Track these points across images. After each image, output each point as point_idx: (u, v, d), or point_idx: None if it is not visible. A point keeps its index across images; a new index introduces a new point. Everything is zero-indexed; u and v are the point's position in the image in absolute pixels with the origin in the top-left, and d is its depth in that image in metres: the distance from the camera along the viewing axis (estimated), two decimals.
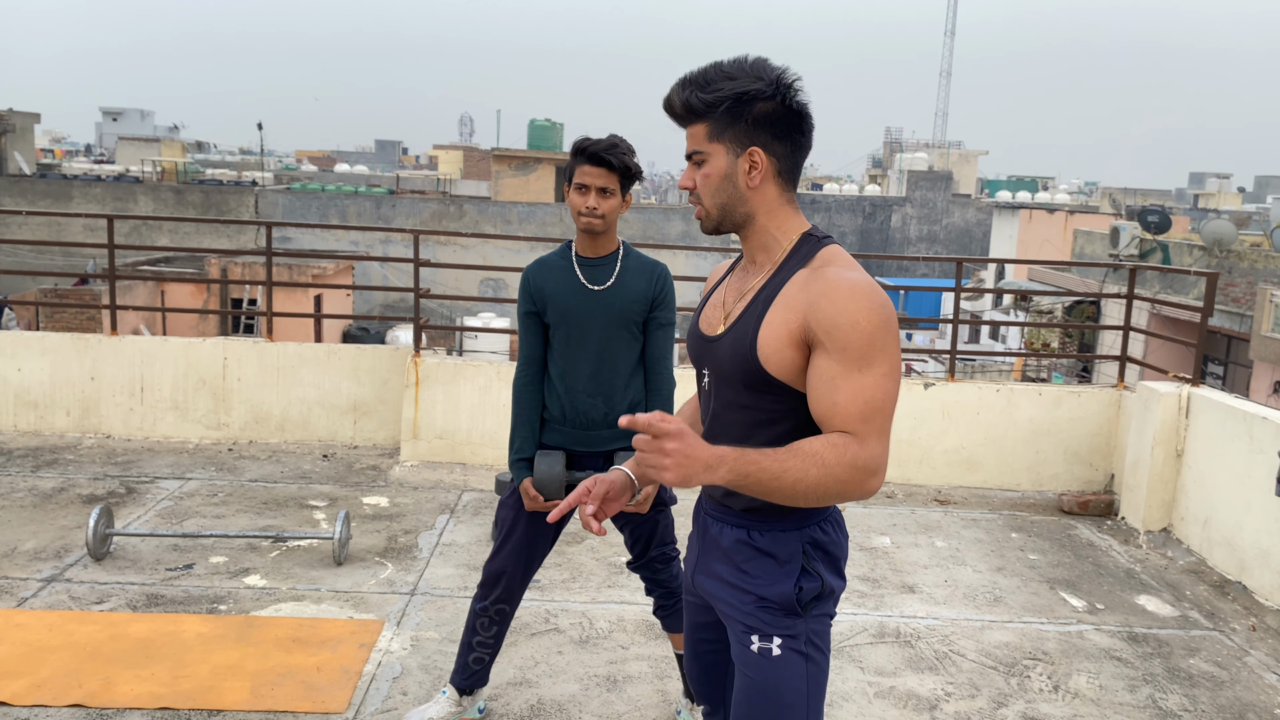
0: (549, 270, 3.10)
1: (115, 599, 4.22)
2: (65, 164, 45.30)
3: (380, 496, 5.65)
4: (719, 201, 1.96)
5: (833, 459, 1.78)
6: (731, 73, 1.90)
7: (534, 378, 3.13)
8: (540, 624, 4.17)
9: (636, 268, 3.10)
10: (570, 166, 3.00)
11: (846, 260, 1.94)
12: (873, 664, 3.98)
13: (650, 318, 3.11)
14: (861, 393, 1.83)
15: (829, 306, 1.85)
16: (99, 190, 31.16)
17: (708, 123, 1.93)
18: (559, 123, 32.21)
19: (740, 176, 1.94)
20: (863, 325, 1.84)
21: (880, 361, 1.84)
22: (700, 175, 1.96)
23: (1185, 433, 5.38)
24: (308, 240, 29.49)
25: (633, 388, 3.13)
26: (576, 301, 3.06)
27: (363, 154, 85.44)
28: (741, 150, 1.92)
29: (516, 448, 3.13)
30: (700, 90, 1.91)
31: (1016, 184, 54.84)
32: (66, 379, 6.41)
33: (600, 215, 2.98)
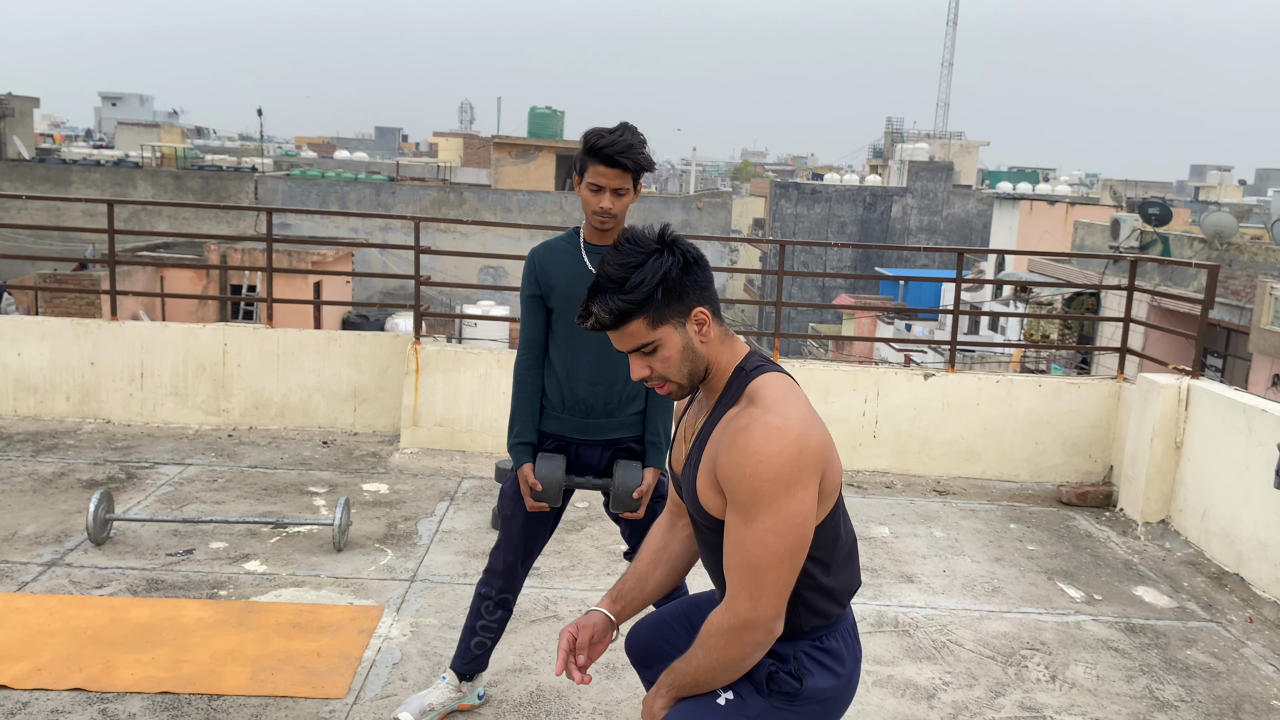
0: (555, 255, 3.08)
1: (116, 584, 4.23)
2: (64, 149, 45.18)
3: (380, 483, 5.65)
4: (686, 372, 2.03)
5: (704, 635, 1.98)
6: (633, 261, 1.96)
7: (535, 361, 3.12)
8: (540, 611, 4.18)
9: None
10: (582, 163, 2.95)
11: (767, 396, 1.95)
12: (871, 653, 3.99)
13: None
14: (740, 547, 1.91)
15: (725, 458, 1.92)
16: (98, 175, 31.11)
17: (645, 316, 1.98)
18: (559, 110, 32.15)
19: (694, 341, 2.02)
20: (748, 478, 1.88)
21: (763, 516, 1.88)
22: (659, 361, 2.02)
23: (1184, 425, 5.39)
24: (307, 227, 29.46)
25: (636, 396, 3.13)
26: (582, 289, 2.99)
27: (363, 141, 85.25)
28: (687, 318, 2.00)
29: (517, 431, 3.11)
30: (625, 294, 1.96)
31: (1017, 175, 54.76)
32: (66, 364, 6.40)
33: (613, 215, 2.96)
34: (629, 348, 2.02)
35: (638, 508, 3.09)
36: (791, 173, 73.05)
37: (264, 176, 32.11)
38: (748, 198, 63.85)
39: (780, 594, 1.92)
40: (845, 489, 5.99)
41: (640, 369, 2.04)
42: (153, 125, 59.72)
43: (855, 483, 6.09)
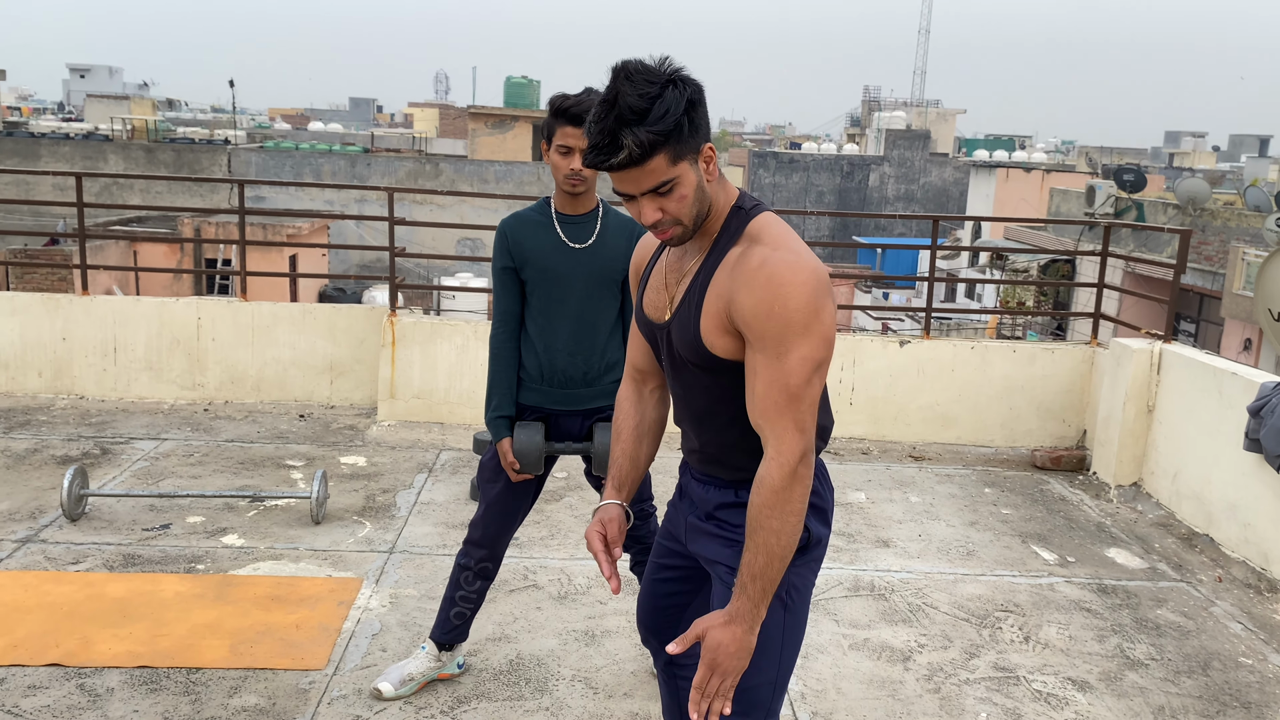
0: (527, 226, 3.06)
1: (92, 559, 4.22)
2: (32, 122, 44.48)
3: (358, 456, 5.64)
4: (695, 213, 1.93)
5: (766, 501, 1.85)
6: (650, 92, 1.83)
7: (511, 334, 3.11)
8: (519, 581, 4.20)
9: (616, 226, 3.08)
10: (549, 126, 2.93)
11: (772, 235, 1.92)
12: (847, 617, 4.04)
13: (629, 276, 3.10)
14: (777, 382, 1.85)
15: (745, 298, 1.86)
16: (68, 149, 30.66)
17: (665, 150, 1.85)
18: (535, 80, 31.88)
19: (705, 178, 1.92)
20: (777, 314, 1.84)
21: (798, 346, 1.84)
22: (674, 201, 1.90)
23: (1157, 388, 5.44)
24: (282, 199, 29.16)
25: (611, 347, 3.12)
26: (557, 260, 3.02)
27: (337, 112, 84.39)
28: (698, 155, 1.90)
29: (495, 404, 3.10)
30: (651, 126, 1.82)
31: (994, 143, 54.86)
32: (37, 340, 6.34)
33: (584, 178, 2.95)
34: (646, 187, 1.87)
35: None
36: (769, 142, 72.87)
37: (237, 149, 31.75)
38: (726, 167, 63.70)
39: (815, 420, 1.89)
40: (823, 455, 6.03)
41: (651, 213, 1.91)
42: (123, 98, 58.85)
43: (832, 449, 6.13)
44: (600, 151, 1.85)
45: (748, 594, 1.87)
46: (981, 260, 29.87)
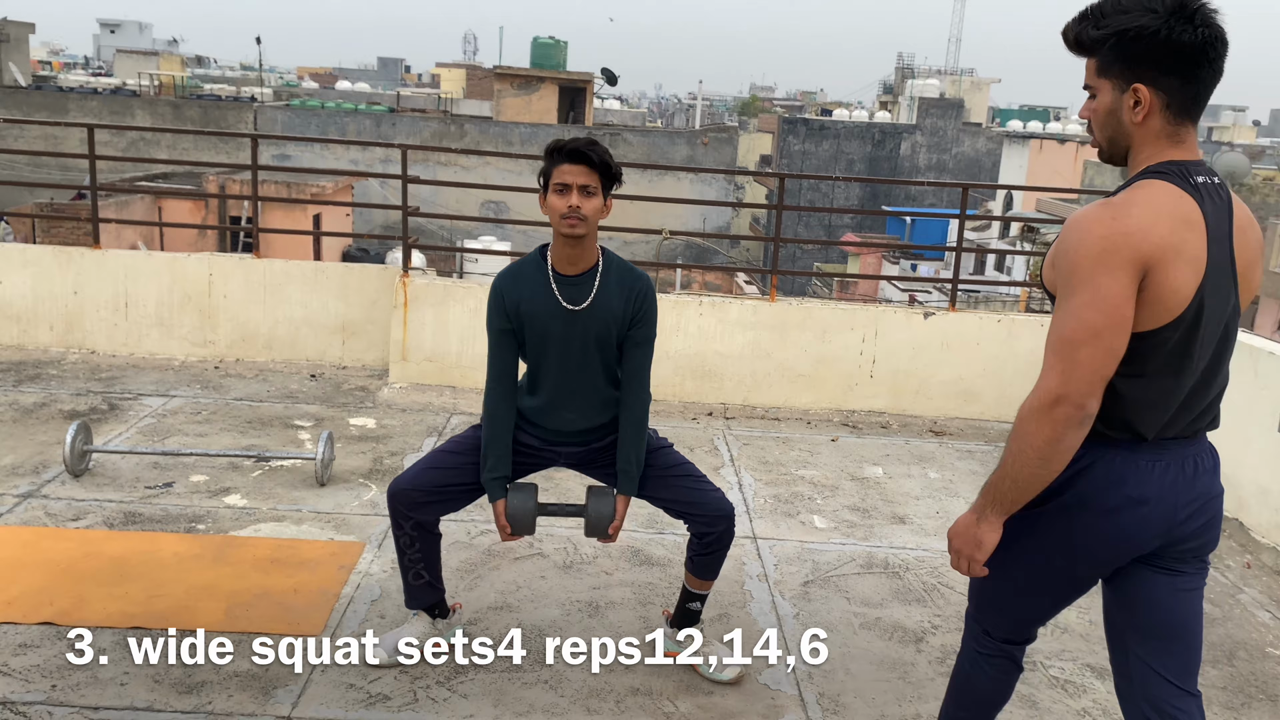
0: (524, 285, 2.98)
1: (92, 516, 4.16)
2: (62, 76, 44.54)
3: (367, 418, 5.56)
4: (1107, 135, 2.02)
5: (1016, 423, 1.96)
6: (1126, 5, 1.90)
7: (507, 394, 3.06)
8: (524, 549, 4.11)
9: (617, 284, 2.99)
10: (546, 169, 2.88)
11: (1137, 194, 1.93)
12: (859, 594, 3.92)
13: (628, 335, 3.01)
14: (1057, 323, 1.94)
15: (1060, 237, 1.97)
16: (95, 103, 30.70)
17: (1096, 58, 1.96)
18: (563, 41, 31.56)
19: (1125, 112, 1.96)
20: (1069, 252, 1.92)
21: (1080, 291, 1.89)
22: (1091, 109, 2.02)
23: None
24: (307, 158, 29.11)
25: (610, 402, 3.09)
26: (554, 324, 2.96)
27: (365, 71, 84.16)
28: (1126, 87, 1.94)
29: (490, 465, 3.07)
30: (1092, 25, 1.94)
31: (1028, 113, 53.97)
32: (49, 293, 6.28)
33: (583, 216, 2.84)
34: (1085, 82, 2.03)
35: (612, 538, 3.13)
36: (800, 108, 72.02)
37: (263, 106, 31.68)
38: (755, 134, 63.03)
39: (1093, 372, 1.89)
40: (839, 428, 5.90)
41: (1086, 108, 2.04)
42: (151, 54, 58.86)
43: (850, 422, 5.99)
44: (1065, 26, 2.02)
45: (986, 493, 2.06)
46: (1012, 232, 29.45)
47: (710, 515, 3.10)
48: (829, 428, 5.90)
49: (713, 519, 3.11)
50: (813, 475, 5.13)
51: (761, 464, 5.27)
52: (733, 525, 3.16)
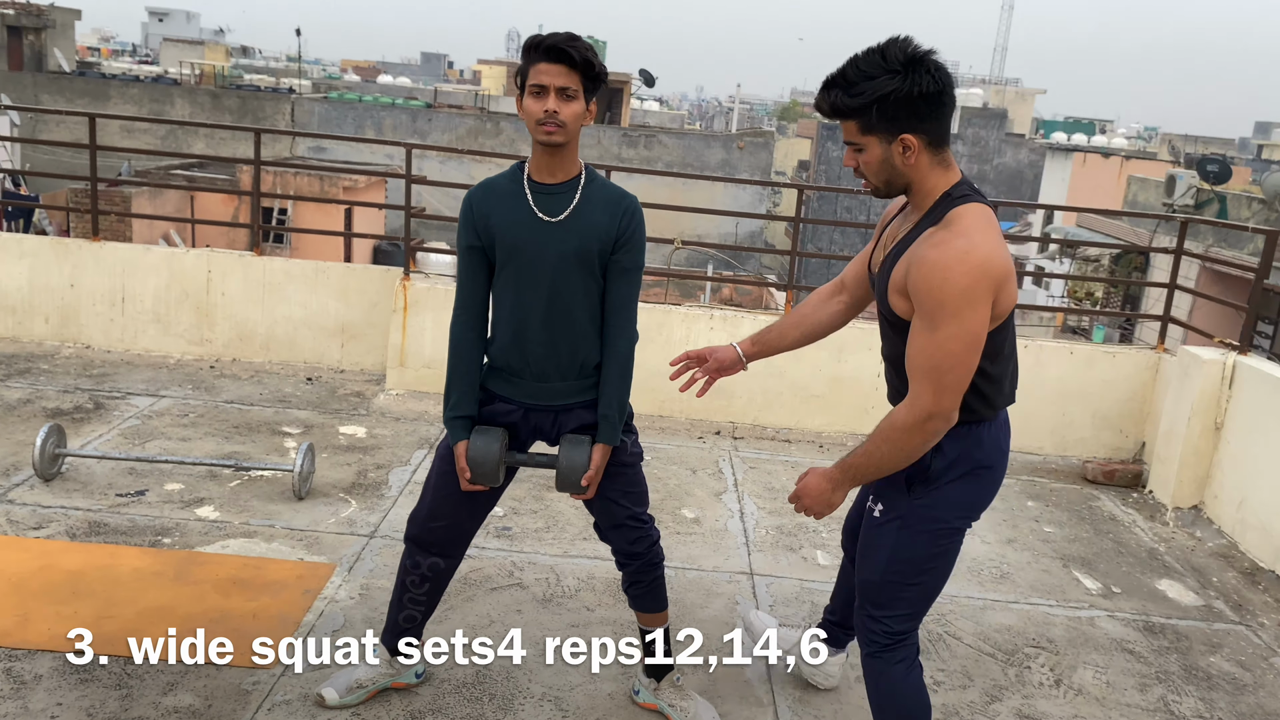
0: (495, 196, 2.65)
1: (55, 525, 3.97)
2: (106, 63, 44.98)
3: (358, 426, 5.35)
4: (883, 179, 2.30)
5: (888, 429, 2.30)
6: (869, 71, 2.18)
7: (474, 322, 2.72)
8: (503, 578, 3.87)
9: (601, 199, 2.65)
10: (523, 68, 2.54)
11: (966, 223, 2.21)
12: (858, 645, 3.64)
13: (612, 260, 2.66)
14: (925, 350, 2.21)
15: (916, 272, 2.20)
16: (136, 91, 30.88)
17: (857, 120, 2.22)
18: (601, 40, 31.34)
19: (896, 159, 2.25)
20: (934, 290, 2.16)
21: (946, 325, 2.17)
22: (861, 160, 2.29)
23: (1227, 404, 4.93)
24: (341, 152, 29.07)
25: (588, 337, 2.71)
26: (527, 235, 2.61)
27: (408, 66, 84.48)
28: (893, 139, 2.22)
29: (453, 403, 2.74)
30: (845, 94, 2.21)
31: (1073, 125, 53.05)
32: (45, 285, 6.13)
33: (561, 122, 2.51)
34: (845, 138, 2.29)
35: (585, 491, 2.74)
36: None
37: (301, 98, 31.72)
38: (793, 139, 62.54)
39: (957, 391, 2.24)
40: None
41: (849, 159, 2.32)
42: (198, 43, 59.39)
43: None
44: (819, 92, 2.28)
45: (841, 467, 2.40)
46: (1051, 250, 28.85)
47: (628, 551, 2.89)
48: (842, 452, 5.60)
49: (630, 555, 2.88)
50: None
51: (767, 490, 4.99)
52: (651, 559, 2.92)
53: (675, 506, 4.70)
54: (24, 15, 33.82)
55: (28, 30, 33.81)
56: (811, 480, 2.45)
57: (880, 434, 2.31)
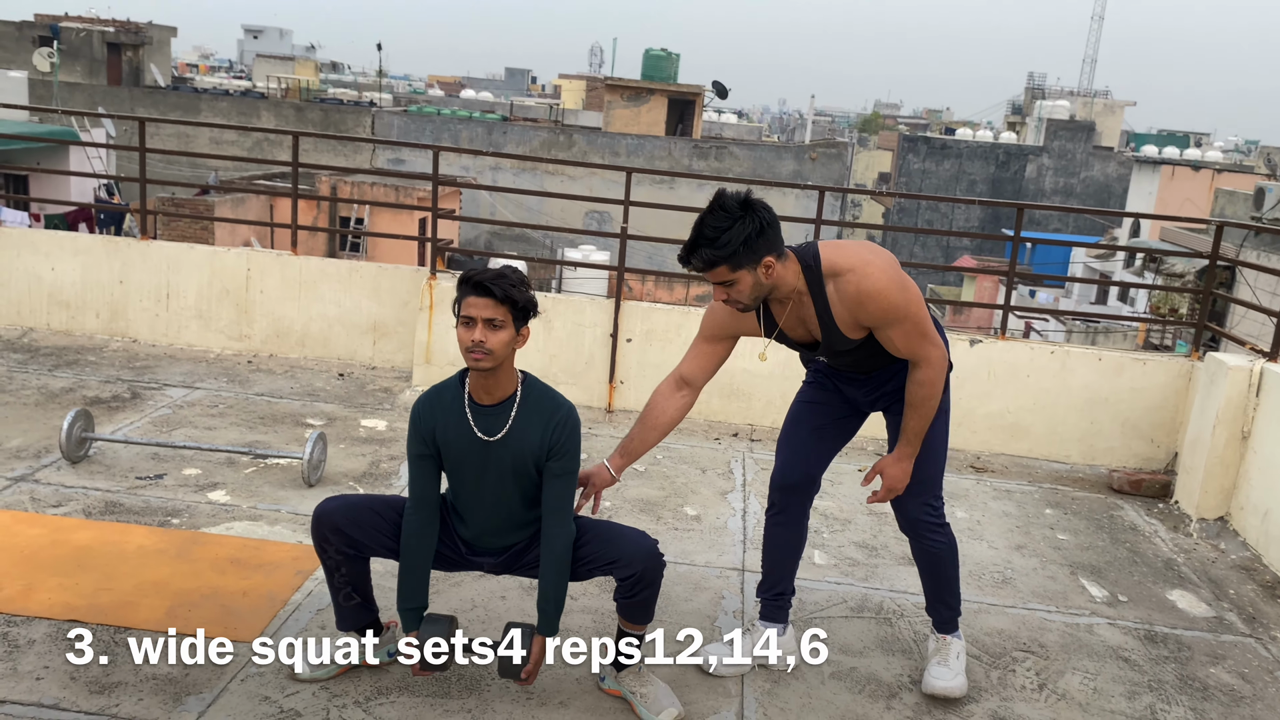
0: (441, 411, 2.88)
1: (73, 504, 4.16)
2: (200, 78, 46.70)
3: (380, 420, 5.48)
4: (755, 296, 2.84)
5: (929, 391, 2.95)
6: (723, 224, 2.72)
7: (426, 520, 2.94)
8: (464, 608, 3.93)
9: (534, 414, 2.85)
10: (457, 299, 2.77)
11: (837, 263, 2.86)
12: (840, 640, 3.62)
13: (546, 466, 2.86)
14: (907, 334, 2.88)
15: (863, 314, 2.85)
16: (225, 104, 32.05)
17: (726, 264, 2.75)
18: (675, 53, 31.51)
19: (762, 279, 2.80)
20: (888, 309, 2.83)
21: (905, 310, 2.84)
22: (735, 292, 2.81)
23: (1254, 412, 4.77)
24: (421, 163, 29.71)
25: (529, 522, 2.97)
26: (469, 453, 2.86)
27: (492, 81, 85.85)
28: (757, 265, 2.77)
29: (405, 595, 2.94)
30: (711, 249, 2.73)
31: (1165, 139, 51.54)
32: (97, 281, 6.42)
33: (488, 350, 2.72)
34: (716, 280, 2.79)
35: (527, 681, 2.94)
36: (925, 126, 70.42)
37: (381, 111, 32.53)
38: (875, 150, 61.95)
39: (934, 332, 2.92)
40: (871, 457, 5.55)
41: (719, 294, 2.84)
42: (288, 59, 61.25)
43: (884, 452, 5.63)
44: (684, 258, 2.79)
45: (911, 444, 3.03)
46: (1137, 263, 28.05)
47: (629, 560, 2.92)
48: (859, 456, 5.56)
49: (631, 560, 2.91)
50: (826, 506, 4.82)
51: None
52: (658, 562, 2.96)
53: (678, 504, 4.72)
54: (123, 33, 35.32)
55: (126, 47, 35.30)
56: (895, 472, 3.05)
57: (920, 400, 2.95)
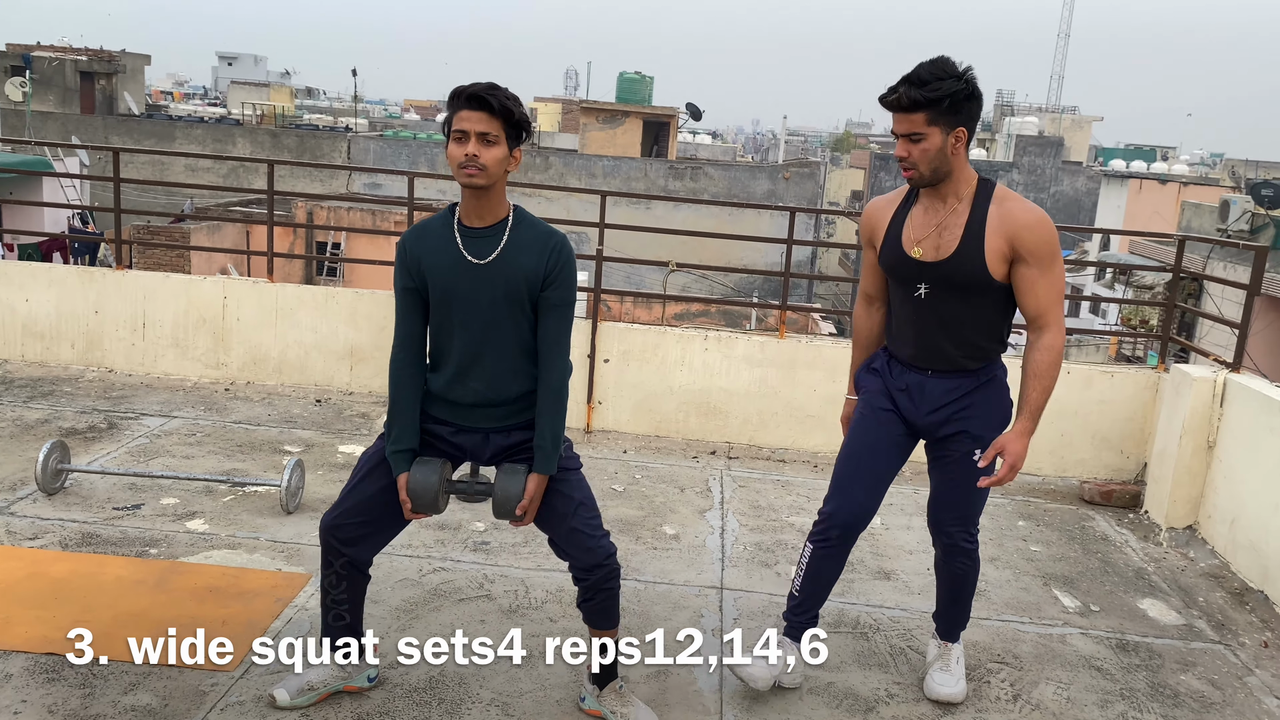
0: (428, 239, 2.79)
1: (50, 536, 4.15)
2: (174, 106, 46.60)
3: (357, 445, 5.50)
4: (933, 167, 2.80)
5: (1053, 359, 2.92)
6: (939, 74, 2.70)
7: (413, 359, 2.88)
8: (473, 589, 3.96)
9: (529, 239, 2.78)
10: (448, 117, 2.70)
11: (1013, 194, 2.86)
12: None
13: (541, 297, 2.78)
14: (1050, 287, 2.86)
15: (1028, 234, 2.80)
16: (200, 131, 31.96)
17: (927, 112, 2.72)
18: (649, 76, 31.74)
19: (948, 148, 2.78)
20: (1048, 240, 2.82)
21: (1057, 263, 2.85)
22: (918, 150, 2.77)
23: (1219, 422, 4.86)
24: (397, 188, 29.72)
25: (522, 367, 2.84)
26: (457, 277, 2.75)
27: None
28: (950, 130, 2.76)
29: (395, 436, 2.88)
30: (922, 89, 2.70)
31: (1133, 153, 52.20)
32: (72, 311, 6.41)
33: (482, 165, 2.64)
34: (904, 130, 2.76)
35: (522, 519, 2.85)
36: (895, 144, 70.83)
37: (357, 136, 32.54)
38: (847, 169, 62.40)
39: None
40: None
41: (903, 149, 2.79)
42: (263, 85, 61.22)
43: None
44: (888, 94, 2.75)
45: (1034, 417, 2.95)
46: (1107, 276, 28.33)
47: (585, 562, 2.92)
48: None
49: (588, 567, 2.92)
50: (803, 523, 4.87)
51: (752, 508, 5.03)
52: (613, 572, 2.96)
53: (657, 523, 4.75)
54: (96, 61, 35.22)
55: (99, 75, 35.19)
56: (1017, 448, 2.94)
57: (1046, 367, 2.89)
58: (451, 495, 2.96)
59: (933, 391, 3.05)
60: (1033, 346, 2.89)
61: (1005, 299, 2.93)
